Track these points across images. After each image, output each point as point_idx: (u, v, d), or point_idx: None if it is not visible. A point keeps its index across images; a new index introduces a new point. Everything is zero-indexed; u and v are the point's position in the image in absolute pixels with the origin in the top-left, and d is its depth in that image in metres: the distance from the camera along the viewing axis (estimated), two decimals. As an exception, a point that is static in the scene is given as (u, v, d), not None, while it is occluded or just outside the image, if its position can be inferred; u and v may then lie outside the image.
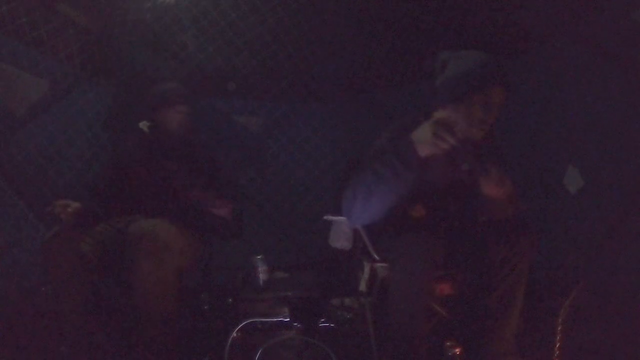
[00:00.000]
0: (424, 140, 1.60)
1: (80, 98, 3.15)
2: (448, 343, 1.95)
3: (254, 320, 2.40)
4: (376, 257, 1.89)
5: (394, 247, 1.76)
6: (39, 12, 2.60)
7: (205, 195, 2.23)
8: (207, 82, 3.60)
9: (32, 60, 2.70)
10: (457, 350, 1.92)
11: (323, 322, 2.60)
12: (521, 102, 3.02)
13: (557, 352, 1.92)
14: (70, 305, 1.94)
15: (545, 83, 2.87)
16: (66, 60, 2.92)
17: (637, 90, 2.33)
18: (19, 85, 2.68)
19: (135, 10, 3.04)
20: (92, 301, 2.01)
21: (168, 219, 2.15)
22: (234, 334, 2.22)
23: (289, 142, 4.00)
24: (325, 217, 2.08)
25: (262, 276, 2.76)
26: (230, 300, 2.72)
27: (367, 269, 1.95)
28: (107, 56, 3.17)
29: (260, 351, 2.12)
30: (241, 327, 2.30)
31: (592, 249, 2.51)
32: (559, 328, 1.96)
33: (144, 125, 2.49)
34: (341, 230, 2.02)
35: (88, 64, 3.08)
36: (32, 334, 2.16)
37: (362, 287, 1.95)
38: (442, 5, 3.02)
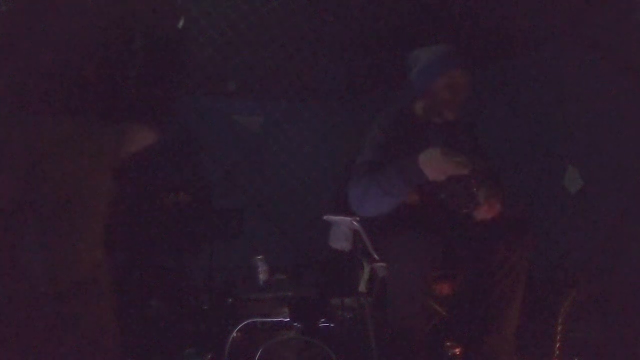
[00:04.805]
0: (435, 164, 1.69)
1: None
2: (448, 343, 1.95)
3: (254, 320, 2.40)
4: (376, 257, 1.89)
5: (393, 247, 1.76)
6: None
7: None
8: (207, 82, 3.60)
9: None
10: (457, 350, 1.92)
11: (323, 322, 2.60)
12: (521, 102, 3.02)
13: (557, 352, 1.92)
14: None
15: (545, 83, 2.87)
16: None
17: (637, 90, 2.33)
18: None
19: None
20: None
21: None
22: (234, 334, 2.23)
23: (289, 142, 4.01)
24: (325, 217, 2.08)
25: (262, 276, 2.76)
26: (230, 300, 2.72)
27: (366, 269, 1.95)
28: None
29: (260, 351, 2.12)
30: (241, 327, 2.30)
31: (592, 249, 2.51)
32: (559, 328, 1.96)
33: None
34: (341, 231, 2.02)
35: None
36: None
37: (362, 287, 1.95)
38: (442, 7, 3.03)
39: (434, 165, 1.69)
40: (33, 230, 1.58)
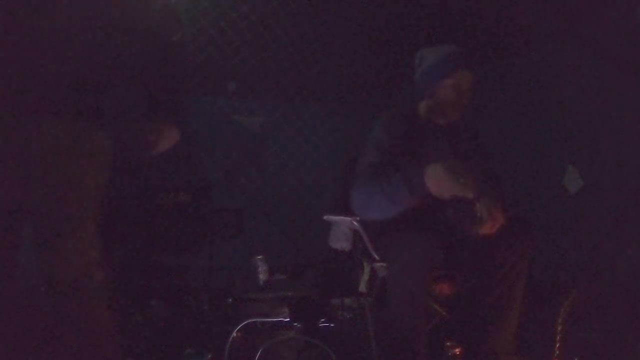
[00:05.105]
0: (439, 182, 1.67)
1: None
2: (448, 343, 1.95)
3: (254, 320, 2.40)
4: (376, 257, 1.89)
5: (393, 247, 1.76)
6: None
7: None
8: (207, 82, 3.60)
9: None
10: (457, 350, 1.92)
11: (323, 322, 2.60)
12: (521, 102, 3.02)
13: (557, 352, 1.92)
14: None
15: (545, 83, 2.87)
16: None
17: (637, 90, 2.33)
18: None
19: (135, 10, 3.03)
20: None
21: None
22: (234, 334, 2.22)
23: (289, 142, 4.01)
24: (325, 217, 2.08)
25: (262, 276, 2.76)
26: (230, 300, 2.72)
27: (367, 269, 1.95)
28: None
29: (260, 351, 2.12)
30: (241, 327, 2.30)
31: (592, 249, 2.51)
32: (559, 328, 1.96)
33: None
34: (341, 231, 2.01)
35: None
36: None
37: (362, 287, 1.95)
38: (442, 7, 3.03)
39: (439, 182, 1.66)
40: (30, 230, 1.59)
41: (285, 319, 2.47)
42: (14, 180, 1.53)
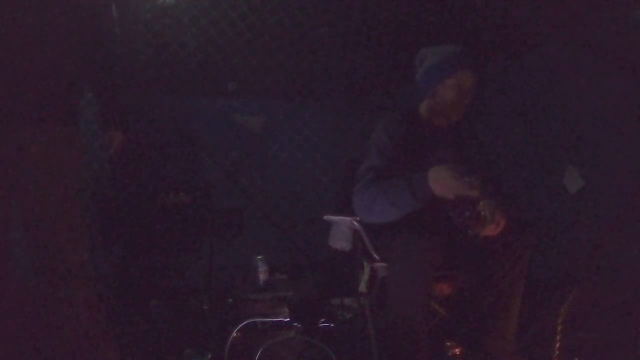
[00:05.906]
0: (443, 183, 1.67)
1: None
2: (448, 343, 1.96)
3: (254, 320, 2.40)
4: (376, 257, 1.89)
5: (393, 247, 1.76)
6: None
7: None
8: (207, 82, 3.60)
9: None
10: (457, 350, 1.92)
11: (323, 322, 2.60)
12: (521, 102, 3.02)
13: (557, 352, 1.92)
14: None
15: (545, 83, 2.87)
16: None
17: (637, 90, 2.33)
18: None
19: (135, 9, 3.04)
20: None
21: None
22: (234, 334, 2.22)
23: (289, 142, 4.01)
24: (325, 217, 2.08)
25: (262, 276, 2.76)
26: (230, 300, 2.72)
27: (367, 269, 1.95)
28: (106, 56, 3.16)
29: (260, 351, 2.12)
30: (241, 327, 2.30)
31: (592, 249, 2.51)
32: (559, 328, 1.96)
33: None
34: (341, 231, 2.01)
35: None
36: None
37: (362, 287, 1.95)
38: (442, 7, 3.03)
39: (443, 182, 1.67)
40: (19, 228, 1.61)
41: (285, 319, 2.47)
42: (5, 181, 1.55)
